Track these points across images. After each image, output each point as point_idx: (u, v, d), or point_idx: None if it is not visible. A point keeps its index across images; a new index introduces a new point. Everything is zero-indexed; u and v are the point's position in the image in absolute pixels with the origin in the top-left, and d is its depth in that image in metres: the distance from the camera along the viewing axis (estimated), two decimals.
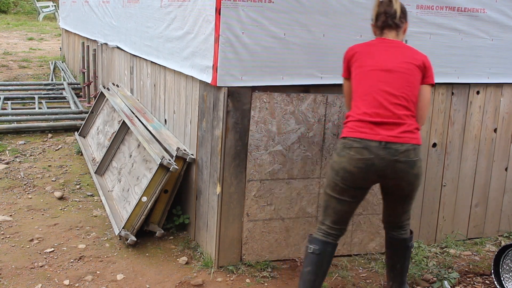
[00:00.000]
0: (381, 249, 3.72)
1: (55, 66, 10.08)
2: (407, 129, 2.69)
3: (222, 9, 3.02)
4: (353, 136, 2.69)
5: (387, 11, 2.85)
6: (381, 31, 2.89)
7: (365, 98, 2.74)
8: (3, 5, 19.96)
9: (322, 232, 2.84)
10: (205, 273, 3.34)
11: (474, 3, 3.58)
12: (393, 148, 2.64)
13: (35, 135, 6.12)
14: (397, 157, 2.64)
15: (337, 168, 2.73)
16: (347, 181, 2.71)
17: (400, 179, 2.71)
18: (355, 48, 2.88)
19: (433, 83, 2.85)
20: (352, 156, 2.67)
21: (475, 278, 3.52)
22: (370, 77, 2.76)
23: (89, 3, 7.20)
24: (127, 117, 4.57)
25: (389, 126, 2.67)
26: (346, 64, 2.92)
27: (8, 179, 4.77)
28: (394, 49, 2.82)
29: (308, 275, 2.82)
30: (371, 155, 2.64)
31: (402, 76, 2.73)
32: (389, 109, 2.68)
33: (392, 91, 2.71)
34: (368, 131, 2.67)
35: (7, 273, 3.24)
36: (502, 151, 4.03)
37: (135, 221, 3.64)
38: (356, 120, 2.72)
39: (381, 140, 2.64)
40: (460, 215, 4.01)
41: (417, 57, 2.80)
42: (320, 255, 2.81)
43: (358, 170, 2.67)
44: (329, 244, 2.83)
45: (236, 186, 3.32)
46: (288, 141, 3.37)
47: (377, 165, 2.65)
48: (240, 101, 3.21)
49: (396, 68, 2.74)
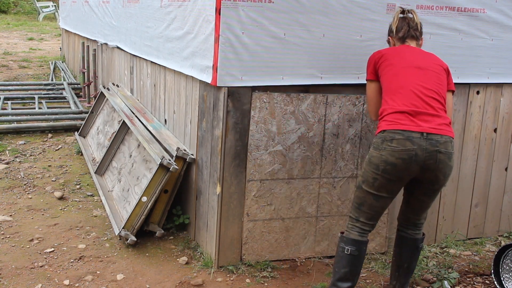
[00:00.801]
0: (381, 249, 3.72)
1: (55, 66, 10.08)
2: (444, 121, 2.77)
3: (222, 9, 3.03)
4: (394, 128, 2.73)
5: (410, 23, 3.03)
6: (403, 42, 3.05)
7: (400, 91, 2.81)
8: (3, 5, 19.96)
9: (357, 231, 2.87)
10: (205, 273, 3.34)
11: (474, 3, 3.58)
12: (434, 139, 2.70)
13: (35, 135, 6.12)
14: (438, 148, 2.71)
15: (377, 162, 2.76)
16: (389, 174, 2.74)
17: (439, 171, 2.75)
18: (382, 51, 3.01)
19: (454, 89, 3.01)
20: (394, 148, 2.70)
21: (475, 278, 3.52)
22: (403, 73, 2.85)
23: (89, 3, 7.20)
24: (127, 117, 4.57)
25: (427, 117, 2.74)
26: (372, 66, 3.01)
27: (8, 179, 4.77)
28: (420, 52, 2.98)
29: (346, 275, 2.87)
30: (414, 145, 2.69)
31: (433, 74, 2.86)
32: (426, 102, 2.77)
33: (426, 85, 2.81)
34: (409, 123, 2.72)
35: (7, 273, 3.24)
36: (502, 151, 4.03)
37: (135, 221, 3.64)
38: (394, 112, 2.77)
39: (423, 131, 2.70)
40: (460, 215, 4.01)
41: (442, 62, 2.98)
42: (357, 256, 2.86)
43: (401, 161, 2.70)
44: (364, 243, 2.89)
45: (236, 186, 3.33)
46: (288, 141, 3.37)
47: (420, 156, 2.69)
48: (240, 101, 3.21)
49: (427, 67, 2.88)
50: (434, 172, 2.75)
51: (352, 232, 2.88)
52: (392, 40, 3.09)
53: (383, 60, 2.94)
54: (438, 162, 2.72)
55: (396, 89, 2.82)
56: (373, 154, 2.79)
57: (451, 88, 2.98)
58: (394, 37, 3.07)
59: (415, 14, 3.06)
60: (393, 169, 2.72)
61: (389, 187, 2.78)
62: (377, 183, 2.77)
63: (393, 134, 2.72)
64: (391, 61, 2.92)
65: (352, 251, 2.84)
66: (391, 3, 3.36)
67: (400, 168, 2.71)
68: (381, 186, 2.78)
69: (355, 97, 3.44)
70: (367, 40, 3.34)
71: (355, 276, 2.91)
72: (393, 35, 3.07)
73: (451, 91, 2.99)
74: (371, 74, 3.02)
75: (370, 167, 2.79)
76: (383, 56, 2.96)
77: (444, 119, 2.78)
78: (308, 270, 3.46)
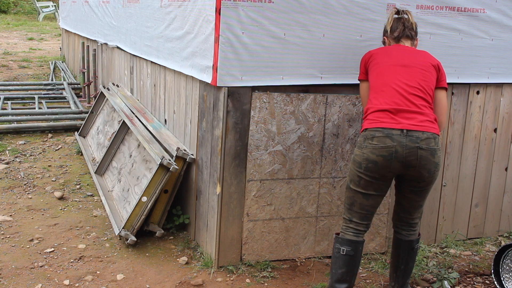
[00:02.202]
0: (381, 249, 3.72)
1: (55, 66, 10.08)
2: (427, 118, 2.77)
3: (222, 9, 3.03)
4: (375, 127, 2.75)
5: (405, 23, 3.04)
6: (398, 41, 3.05)
7: (383, 89, 2.82)
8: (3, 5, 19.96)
9: (352, 232, 2.88)
10: (205, 273, 3.34)
11: (474, 3, 3.58)
12: (415, 135, 2.71)
13: (35, 135, 6.12)
14: (419, 144, 2.71)
15: (359, 160, 2.78)
16: (371, 172, 2.75)
17: (422, 167, 2.75)
18: (372, 51, 3.03)
19: (446, 87, 2.98)
20: (375, 146, 2.73)
21: (475, 278, 3.52)
22: (387, 71, 2.87)
23: (89, 3, 7.20)
24: (127, 117, 4.57)
25: (408, 114, 2.75)
26: (363, 66, 3.04)
27: (8, 179, 4.77)
28: (410, 51, 2.98)
29: (343, 275, 2.88)
30: (394, 142, 2.70)
31: (419, 71, 2.86)
32: (408, 99, 2.77)
33: (409, 83, 2.81)
34: (389, 121, 2.74)
35: (7, 273, 3.24)
36: (502, 151, 4.03)
37: (135, 221, 3.64)
38: (375, 110, 2.80)
39: (403, 128, 2.71)
40: (460, 215, 4.01)
41: (432, 59, 2.96)
42: (353, 256, 2.86)
43: (382, 158, 2.72)
44: (360, 243, 2.89)
45: (236, 186, 3.33)
46: (288, 141, 3.37)
47: (400, 153, 2.70)
48: (240, 101, 3.21)
49: (413, 64, 2.88)
50: (417, 169, 2.75)
51: (347, 233, 2.89)
52: (388, 40, 3.09)
53: (372, 60, 2.98)
54: (419, 159, 2.72)
55: (380, 88, 2.85)
56: (356, 153, 2.82)
57: (442, 85, 2.94)
58: (389, 37, 3.08)
59: (410, 15, 3.07)
60: (375, 167, 2.74)
61: (375, 185, 2.80)
62: (362, 181, 2.80)
63: (373, 132, 2.75)
64: (377, 60, 2.95)
65: (348, 252, 2.85)
66: (391, 3, 3.36)
67: (382, 165, 2.73)
68: (367, 184, 2.80)
69: (355, 97, 3.44)
70: (367, 40, 3.34)
71: (352, 276, 2.91)
72: (388, 35, 3.08)
73: (443, 88, 2.95)
74: (362, 74, 3.07)
75: (354, 165, 2.83)
76: (372, 56, 2.99)
77: (427, 116, 2.77)
78: (308, 270, 3.46)
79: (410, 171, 2.77)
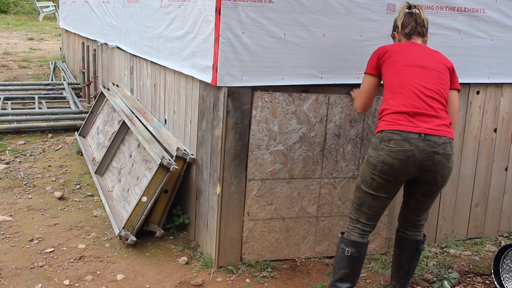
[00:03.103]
0: (381, 250, 3.72)
1: (55, 66, 10.08)
2: (443, 122, 2.75)
3: (222, 9, 3.03)
4: (392, 129, 2.72)
5: (417, 19, 2.99)
6: (409, 38, 3.00)
7: (401, 90, 2.79)
8: (3, 5, 19.96)
9: (357, 232, 2.87)
10: (205, 273, 3.34)
11: (474, 3, 3.58)
12: (432, 140, 2.69)
13: (35, 135, 6.12)
14: (436, 149, 2.69)
15: (374, 162, 2.75)
16: (386, 175, 2.73)
17: (437, 172, 2.73)
18: (386, 47, 2.96)
19: (459, 88, 2.96)
20: (392, 149, 2.69)
21: (475, 278, 3.52)
22: (405, 72, 2.82)
23: (89, 3, 7.20)
24: (127, 117, 4.57)
25: (426, 118, 2.72)
26: (375, 61, 2.96)
27: (8, 179, 4.77)
28: (425, 50, 2.93)
29: (346, 276, 2.88)
30: (411, 146, 2.68)
31: (435, 74, 2.83)
32: (426, 102, 2.74)
33: (427, 85, 2.78)
34: (407, 123, 2.71)
35: (7, 273, 3.24)
36: (502, 151, 4.03)
37: (135, 221, 3.64)
38: (393, 112, 2.76)
39: (421, 132, 2.69)
40: (460, 215, 4.01)
41: (446, 60, 2.93)
42: (358, 257, 2.86)
43: (398, 162, 2.69)
44: (365, 244, 2.88)
45: (236, 186, 3.33)
46: (290, 141, 3.37)
47: (417, 157, 2.68)
48: (240, 101, 3.21)
49: (430, 66, 2.84)
50: (432, 173, 2.74)
51: (352, 233, 2.88)
52: (398, 35, 3.04)
53: (387, 57, 2.90)
54: (436, 163, 2.70)
55: (397, 88, 2.80)
56: (371, 154, 2.79)
57: (456, 87, 2.94)
58: (400, 33, 3.02)
59: (421, 10, 3.02)
60: (390, 170, 2.71)
61: (387, 187, 2.77)
62: (375, 183, 2.77)
63: (391, 134, 2.71)
64: (394, 58, 2.88)
65: (352, 253, 2.84)
66: (391, 3, 3.36)
67: (397, 168, 2.70)
68: (379, 187, 2.77)
69: None
70: (367, 40, 3.34)
71: (355, 277, 2.91)
72: (399, 30, 3.02)
73: (457, 90, 2.94)
74: (372, 68, 2.98)
75: (368, 167, 2.79)
76: (387, 53, 2.91)
77: (443, 120, 2.75)
78: (308, 270, 3.46)
79: (425, 175, 2.75)
